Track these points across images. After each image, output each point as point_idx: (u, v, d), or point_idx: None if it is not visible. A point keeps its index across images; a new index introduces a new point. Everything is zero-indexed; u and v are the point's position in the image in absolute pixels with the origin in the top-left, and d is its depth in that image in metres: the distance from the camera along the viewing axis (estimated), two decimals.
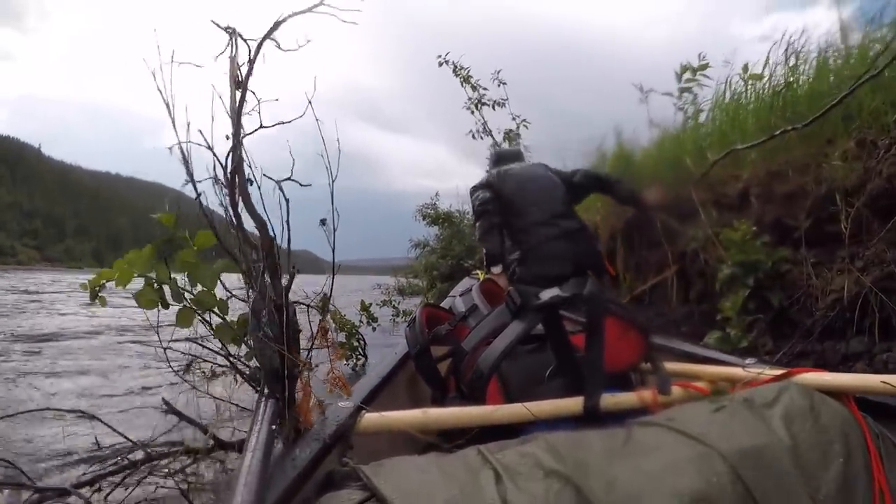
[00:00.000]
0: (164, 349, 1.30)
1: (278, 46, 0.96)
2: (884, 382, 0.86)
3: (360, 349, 4.28)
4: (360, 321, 4.82)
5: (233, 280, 1.09)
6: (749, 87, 3.18)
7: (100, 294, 1.16)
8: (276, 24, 0.96)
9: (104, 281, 1.15)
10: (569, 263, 3.05)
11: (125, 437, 1.97)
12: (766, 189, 2.63)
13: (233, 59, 0.94)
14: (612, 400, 0.98)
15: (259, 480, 0.66)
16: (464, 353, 1.06)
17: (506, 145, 6.39)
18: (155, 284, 1.09)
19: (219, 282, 1.09)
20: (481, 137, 6.55)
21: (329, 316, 0.95)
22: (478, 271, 2.75)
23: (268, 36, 0.93)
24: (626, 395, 1.02)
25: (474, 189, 3.18)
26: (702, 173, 2.99)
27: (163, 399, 2.02)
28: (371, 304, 5.28)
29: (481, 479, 0.66)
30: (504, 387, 1.08)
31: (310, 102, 1.05)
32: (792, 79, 2.85)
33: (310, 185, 0.95)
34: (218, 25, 0.99)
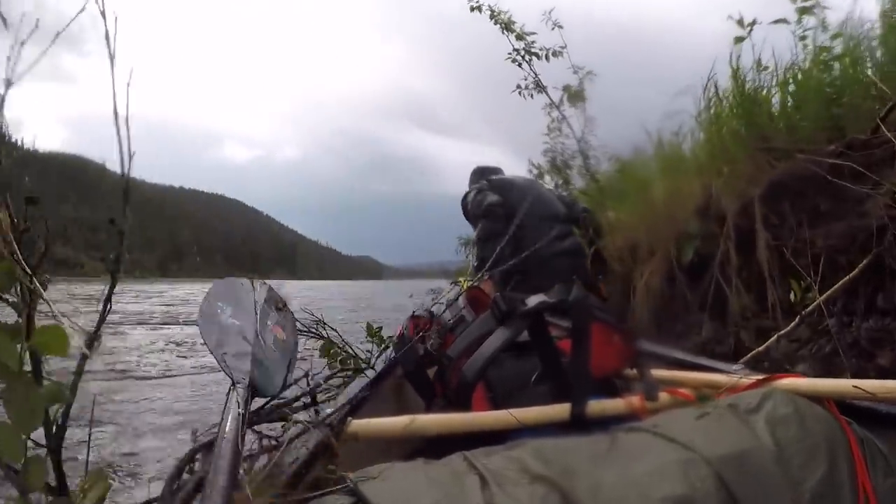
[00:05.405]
0: None
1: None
2: (855, 387, 0.86)
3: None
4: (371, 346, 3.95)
5: None
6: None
7: None
8: None
9: None
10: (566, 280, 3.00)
11: None
12: None
13: None
14: (598, 406, 0.99)
15: (230, 485, 0.64)
16: (449, 359, 1.08)
17: (566, 106, 5.12)
18: None
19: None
20: (531, 96, 4.96)
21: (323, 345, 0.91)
22: (461, 278, 2.68)
23: None
24: (612, 401, 1.02)
25: (477, 192, 3.15)
26: None
27: None
28: (381, 328, 4.15)
29: (467, 484, 0.66)
30: (490, 392, 1.09)
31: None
32: None
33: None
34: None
